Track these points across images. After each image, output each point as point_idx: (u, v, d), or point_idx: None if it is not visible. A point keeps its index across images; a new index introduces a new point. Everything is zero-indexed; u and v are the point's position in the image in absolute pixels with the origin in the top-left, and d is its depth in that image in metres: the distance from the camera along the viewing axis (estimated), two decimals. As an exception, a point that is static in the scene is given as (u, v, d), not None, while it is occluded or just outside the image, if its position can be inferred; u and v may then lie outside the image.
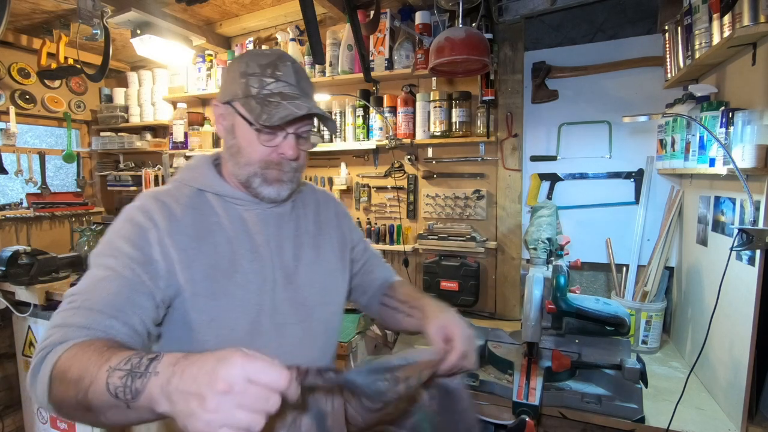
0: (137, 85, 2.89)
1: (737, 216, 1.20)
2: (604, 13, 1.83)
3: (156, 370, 0.50)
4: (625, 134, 1.84)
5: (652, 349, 1.63)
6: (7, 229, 2.55)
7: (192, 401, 0.45)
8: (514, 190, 2.01)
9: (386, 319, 1.07)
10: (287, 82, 0.80)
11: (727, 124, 1.19)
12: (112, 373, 0.52)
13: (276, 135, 0.81)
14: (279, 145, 0.81)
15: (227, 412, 0.44)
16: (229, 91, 0.82)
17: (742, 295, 1.14)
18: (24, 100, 2.56)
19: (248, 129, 0.80)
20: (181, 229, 0.78)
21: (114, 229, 0.76)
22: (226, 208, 0.85)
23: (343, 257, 1.02)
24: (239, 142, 0.82)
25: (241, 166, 0.83)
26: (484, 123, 1.93)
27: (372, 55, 2.06)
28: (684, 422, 1.18)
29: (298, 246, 0.91)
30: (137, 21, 2.07)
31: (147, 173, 2.82)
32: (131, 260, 0.71)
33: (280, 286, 0.85)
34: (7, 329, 2.46)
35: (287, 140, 0.81)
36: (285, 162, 0.83)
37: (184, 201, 0.82)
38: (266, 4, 2.19)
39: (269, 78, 0.80)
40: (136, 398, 0.50)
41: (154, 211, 0.77)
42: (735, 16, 1.09)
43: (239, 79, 0.81)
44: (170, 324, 0.79)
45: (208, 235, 0.81)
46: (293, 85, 0.81)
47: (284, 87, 0.80)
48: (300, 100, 0.79)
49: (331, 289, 0.96)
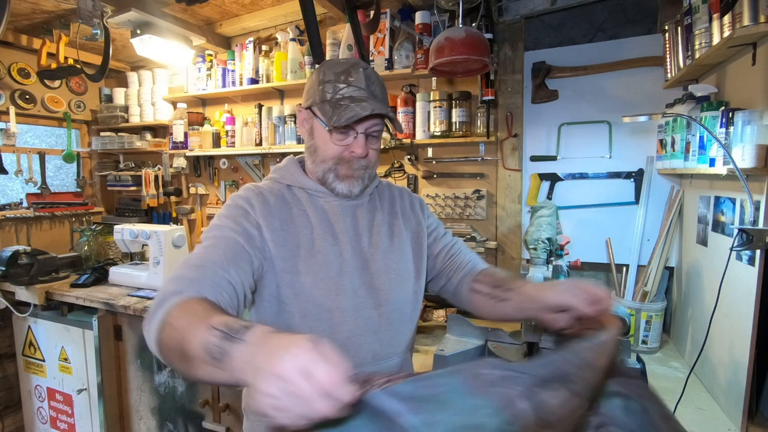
0: (137, 85, 2.89)
1: (737, 216, 1.20)
2: (604, 13, 1.83)
3: (246, 338, 0.54)
4: (625, 134, 1.84)
5: (652, 349, 1.63)
6: (7, 229, 2.55)
7: (258, 376, 0.47)
8: (514, 190, 2.01)
9: (479, 307, 1.02)
10: (358, 87, 0.90)
11: (727, 124, 1.19)
12: (211, 331, 0.57)
13: (347, 135, 0.91)
14: (350, 144, 0.91)
15: (278, 397, 0.45)
16: (309, 97, 0.95)
17: (742, 295, 1.14)
18: (24, 100, 2.56)
19: (323, 130, 0.91)
20: (273, 213, 0.91)
21: (221, 213, 0.91)
22: (310, 199, 0.97)
23: (419, 243, 1.06)
24: (316, 142, 0.94)
25: (317, 164, 0.95)
26: (484, 123, 1.93)
27: (372, 55, 2.06)
28: (684, 422, 1.16)
29: (374, 235, 0.99)
30: (137, 21, 2.07)
31: (147, 173, 2.82)
32: (234, 232, 0.85)
33: (358, 271, 0.93)
34: (7, 329, 2.46)
35: (357, 140, 0.91)
36: (355, 160, 0.92)
37: (276, 192, 0.95)
38: (266, 4, 2.19)
39: (342, 84, 0.90)
40: (223, 359, 0.54)
41: (252, 198, 0.91)
42: (735, 16, 1.08)
43: (317, 86, 0.92)
44: (263, 296, 0.90)
45: (294, 220, 0.93)
46: (363, 89, 0.90)
47: (354, 91, 0.90)
48: (367, 102, 0.88)
49: (405, 276, 1.00)
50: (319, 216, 0.94)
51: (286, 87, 2.37)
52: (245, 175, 2.68)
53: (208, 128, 2.64)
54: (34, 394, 2.41)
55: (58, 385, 2.29)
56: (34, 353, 2.36)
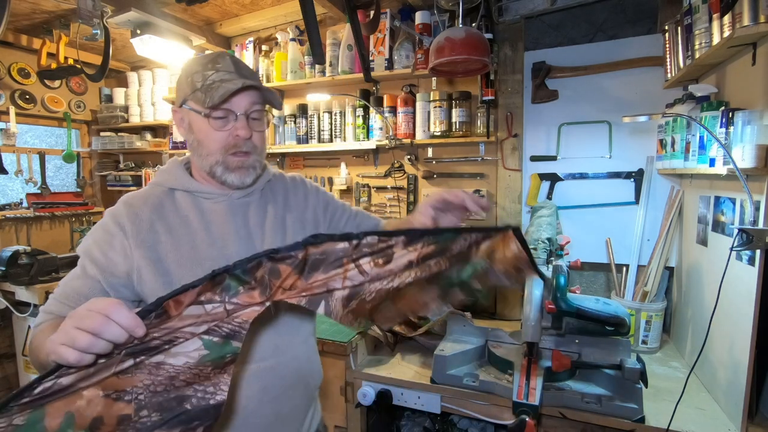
0: (137, 85, 2.89)
1: (737, 216, 1.20)
2: (604, 13, 1.83)
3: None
4: (625, 134, 1.84)
5: (652, 349, 1.63)
6: (7, 229, 2.55)
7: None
8: (514, 190, 2.01)
9: None
10: (227, 71, 0.87)
11: (727, 124, 1.19)
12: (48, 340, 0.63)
13: (227, 120, 0.88)
14: (231, 128, 0.88)
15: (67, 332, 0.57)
16: (180, 94, 0.91)
17: (742, 295, 1.14)
18: (24, 100, 2.56)
19: (201, 120, 0.88)
20: (145, 229, 0.87)
21: (91, 232, 0.89)
22: (194, 203, 0.92)
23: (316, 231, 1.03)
24: (197, 136, 0.90)
25: (203, 158, 0.90)
26: (484, 123, 1.93)
27: (372, 55, 2.06)
28: (684, 422, 1.18)
29: (267, 231, 0.95)
30: (137, 21, 2.07)
31: (147, 173, 2.82)
32: (95, 264, 0.85)
33: None
34: (7, 329, 2.46)
35: (239, 121, 0.88)
36: (242, 142, 0.89)
37: (152, 201, 0.90)
38: (266, 4, 2.19)
39: (210, 71, 0.87)
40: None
41: (122, 216, 0.88)
42: (735, 16, 1.08)
43: (185, 79, 0.89)
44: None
45: (173, 231, 0.88)
46: (232, 72, 0.88)
47: (224, 75, 0.87)
48: (238, 80, 0.86)
49: None
50: (203, 220, 0.90)
51: (286, 87, 2.37)
52: (245, 175, 2.67)
53: (208, 128, 2.63)
54: (34, 394, 2.41)
55: (58, 385, 2.29)
56: (34, 353, 2.36)
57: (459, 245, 0.74)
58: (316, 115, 2.32)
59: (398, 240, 0.72)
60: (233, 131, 0.88)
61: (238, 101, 0.88)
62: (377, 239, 0.72)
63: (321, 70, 2.20)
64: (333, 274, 0.72)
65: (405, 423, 1.75)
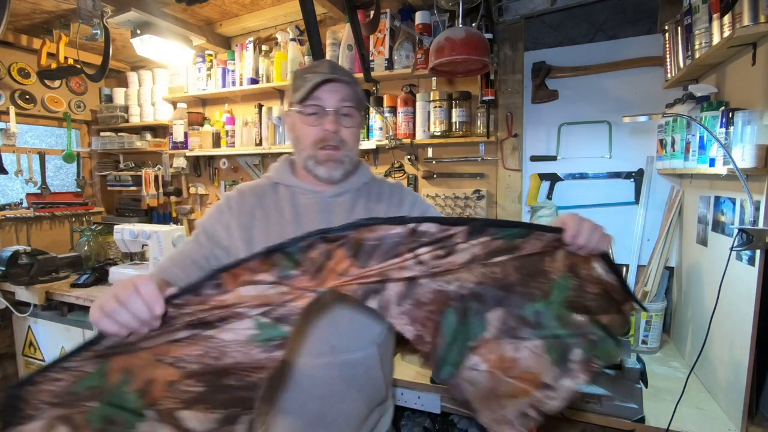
0: (137, 85, 2.89)
1: (737, 216, 1.20)
2: (604, 13, 1.82)
3: None
4: (625, 134, 1.84)
5: (652, 349, 1.63)
6: (7, 229, 2.55)
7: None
8: (514, 190, 2.01)
9: None
10: (322, 72, 0.94)
11: (727, 124, 1.19)
12: None
13: (318, 115, 0.95)
14: (323, 122, 0.95)
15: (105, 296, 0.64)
16: (288, 99, 1.01)
17: (742, 295, 1.14)
18: (24, 100, 2.56)
19: (299, 118, 0.97)
20: (246, 211, 0.98)
21: (209, 208, 1.04)
22: (292, 197, 1.01)
23: None
24: (296, 133, 1.00)
25: (299, 153, 1.00)
26: (484, 123, 1.93)
27: (372, 55, 2.06)
28: (684, 422, 1.18)
29: None
30: (137, 21, 2.07)
31: (147, 173, 2.82)
32: (205, 232, 0.99)
33: None
34: (7, 329, 2.46)
35: (328, 116, 0.95)
36: (330, 136, 0.95)
37: (257, 191, 1.03)
38: (266, 4, 2.19)
39: (309, 74, 0.95)
40: None
41: (233, 199, 1.01)
42: (735, 16, 1.08)
43: (291, 86, 1.00)
44: None
45: (268, 215, 0.99)
46: (327, 72, 0.95)
47: (319, 75, 0.94)
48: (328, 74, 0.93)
49: None
50: (295, 213, 0.99)
51: (286, 87, 2.36)
52: (245, 175, 2.68)
53: (208, 128, 2.64)
54: (34, 394, 2.41)
55: (58, 385, 2.29)
56: (34, 353, 2.36)
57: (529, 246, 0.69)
58: (316, 115, 2.32)
59: (460, 230, 0.68)
60: (323, 126, 0.95)
61: (328, 97, 0.95)
62: (436, 227, 0.68)
63: (321, 70, 2.19)
64: (389, 264, 0.69)
65: (405, 423, 1.75)
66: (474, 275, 0.72)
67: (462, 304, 0.74)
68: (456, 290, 0.72)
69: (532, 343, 0.74)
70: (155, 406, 0.66)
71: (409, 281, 0.71)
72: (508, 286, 0.73)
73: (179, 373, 0.66)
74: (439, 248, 0.69)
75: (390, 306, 0.71)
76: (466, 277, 0.72)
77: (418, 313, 0.72)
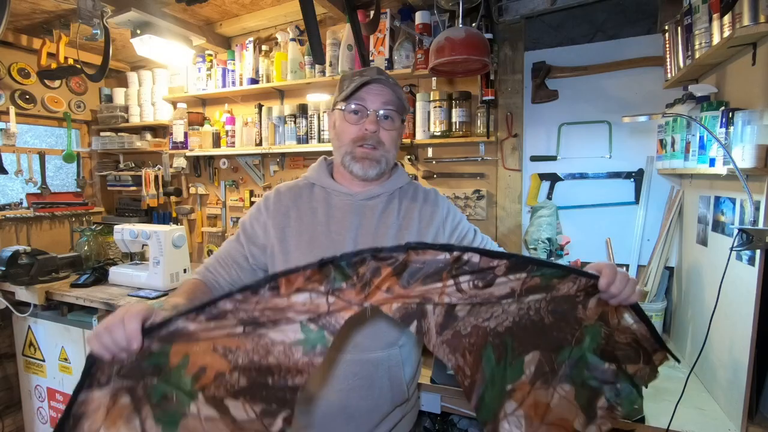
0: (137, 85, 2.89)
1: (737, 216, 1.20)
2: (604, 13, 1.82)
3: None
4: (625, 134, 1.84)
5: (652, 349, 1.63)
6: (7, 229, 2.55)
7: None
8: (514, 190, 2.01)
9: None
10: (368, 75, 0.98)
11: (727, 124, 1.19)
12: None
13: (360, 115, 0.99)
14: (364, 122, 0.99)
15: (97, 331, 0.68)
16: (333, 100, 1.05)
17: (742, 295, 1.14)
18: (24, 100, 2.56)
19: (341, 116, 1.01)
20: (282, 212, 1.03)
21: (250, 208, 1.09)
22: (326, 198, 1.04)
23: None
24: (337, 131, 1.03)
25: (338, 150, 1.03)
26: (484, 123, 1.93)
27: (372, 55, 2.06)
28: (684, 422, 1.18)
29: (379, 236, 1.01)
30: (137, 21, 2.07)
31: (147, 173, 2.82)
32: (245, 232, 1.05)
33: None
34: (7, 329, 2.46)
35: (369, 116, 0.98)
36: (369, 136, 0.98)
37: (294, 191, 1.06)
38: (266, 4, 2.19)
39: (357, 77, 0.99)
40: None
41: (270, 198, 1.06)
42: (735, 16, 1.08)
43: (338, 87, 1.03)
44: None
45: (302, 216, 1.02)
46: (373, 75, 0.98)
47: (365, 78, 0.98)
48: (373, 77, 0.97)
49: None
50: (327, 214, 1.02)
51: (286, 87, 2.37)
52: (245, 175, 2.68)
53: (208, 128, 2.64)
54: (34, 394, 2.41)
55: (58, 385, 2.29)
56: (34, 353, 2.36)
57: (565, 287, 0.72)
58: (316, 115, 2.32)
59: (501, 263, 0.71)
60: (363, 125, 0.98)
61: (372, 99, 0.98)
62: (479, 258, 0.71)
63: (321, 70, 2.20)
64: (431, 287, 0.72)
65: (405, 423, 1.75)
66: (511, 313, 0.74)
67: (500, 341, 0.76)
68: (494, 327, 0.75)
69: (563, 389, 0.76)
70: (205, 391, 0.71)
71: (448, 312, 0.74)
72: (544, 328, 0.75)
73: (228, 365, 0.71)
74: (479, 278, 0.72)
75: (431, 334, 0.74)
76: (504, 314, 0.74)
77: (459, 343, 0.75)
